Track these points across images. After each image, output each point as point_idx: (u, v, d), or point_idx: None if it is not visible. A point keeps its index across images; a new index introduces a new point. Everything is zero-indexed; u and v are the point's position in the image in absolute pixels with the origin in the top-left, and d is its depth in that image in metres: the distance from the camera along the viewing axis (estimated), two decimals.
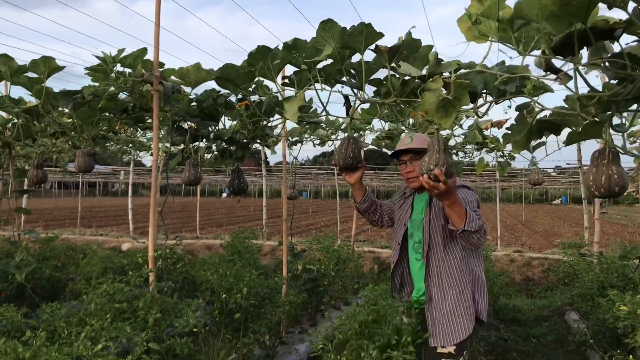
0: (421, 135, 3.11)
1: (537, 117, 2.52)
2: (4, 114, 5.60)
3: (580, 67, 1.92)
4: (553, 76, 2.09)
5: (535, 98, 2.45)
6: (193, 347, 3.90)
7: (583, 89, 2.03)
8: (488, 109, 2.75)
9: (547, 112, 2.52)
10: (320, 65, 2.86)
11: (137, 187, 52.24)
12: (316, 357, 3.36)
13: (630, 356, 3.63)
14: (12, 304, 4.06)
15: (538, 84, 2.60)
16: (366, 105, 4.13)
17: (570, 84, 2.04)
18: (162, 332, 3.22)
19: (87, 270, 6.48)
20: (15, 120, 4.72)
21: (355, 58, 2.80)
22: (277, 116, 4.02)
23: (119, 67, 3.43)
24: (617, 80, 1.96)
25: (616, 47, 1.95)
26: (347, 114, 2.90)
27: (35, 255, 7.75)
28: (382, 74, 2.83)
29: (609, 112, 2.05)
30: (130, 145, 7.72)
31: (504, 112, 2.74)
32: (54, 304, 3.74)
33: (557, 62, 2.01)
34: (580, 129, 1.99)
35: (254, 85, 3.52)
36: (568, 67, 1.98)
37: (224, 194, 51.08)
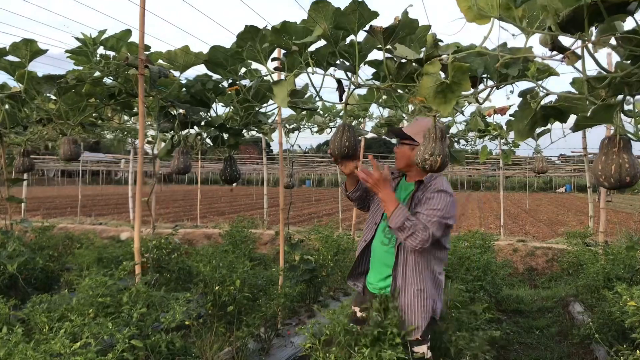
0: (420, 122, 2.94)
1: (542, 102, 2.36)
2: None
3: (589, 46, 1.75)
4: (559, 56, 1.92)
5: (540, 82, 2.29)
6: (184, 342, 3.77)
7: (592, 72, 1.86)
8: (489, 95, 2.59)
9: (552, 98, 2.36)
10: (312, 48, 2.70)
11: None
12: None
13: (637, 351, 3.49)
14: (3, 295, 3.93)
15: (542, 67, 2.43)
16: (363, 91, 3.96)
17: (578, 65, 1.87)
18: (148, 328, 3.08)
19: (81, 261, 6.35)
20: (1, 108, 4.57)
21: (350, 40, 2.64)
22: (271, 102, 3.86)
23: (101, 50, 3.27)
24: (630, 60, 1.79)
25: (628, 25, 1.79)
26: (341, 99, 2.73)
27: (31, 245, 7.63)
28: (378, 56, 2.67)
29: (620, 96, 1.89)
30: (126, 132, 7.56)
31: (506, 97, 2.56)
32: (43, 296, 3.60)
33: (565, 40, 1.84)
34: (589, 114, 1.82)
35: (244, 70, 3.36)
36: (576, 46, 1.81)
37: (234, 184, 50.91)
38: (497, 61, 2.30)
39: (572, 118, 2.45)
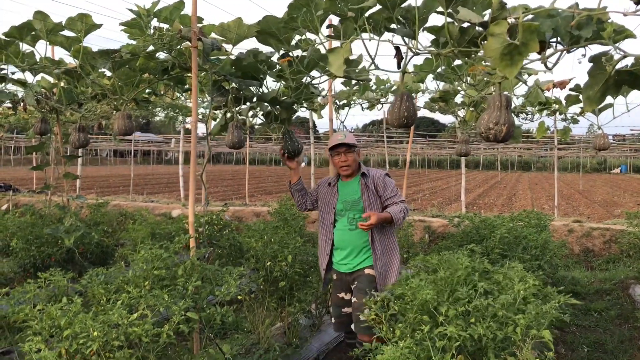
0: (351, 135, 3.89)
1: (617, 66, 2.21)
2: (50, 79, 5.55)
3: None
4: None
5: (617, 44, 2.13)
6: (236, 316, 3.78)
7: None
8: (558, 59, 2.43)
9: (628, 62, 2.20)
10: (367, 14, 2.60)
11: (188, 155, 53.04)
12: (366, 327, 3.20)
13: None
14: (61, 268, 4.03)
15: (619, 28, 2.27)
16: (419, 61, 3.83)
17: None
18: (203, 301, 3.08)
19: (134, 236, 6.47)
20: (59, 85, 4.64)
21: (408, 4, 2.52)
22: (322, 75, 3.78)
23: (155, 23, 3.24)
24: None
25: None
26: (399, 66, 2.62)
27: (86, 220, 7.84)
28: (436, 21, 2.55)
29: None
30: (177, 110, 7.61)
31: (578, 62, 2.41)
32: (100, 269, 3.66)
33: None
34: None
35: (296, 39, 3.28)
36: None
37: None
38: (568, 23, 2.15)
39: None
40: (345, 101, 5.86)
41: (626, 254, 8.28)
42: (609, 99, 3.90)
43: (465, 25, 2.42)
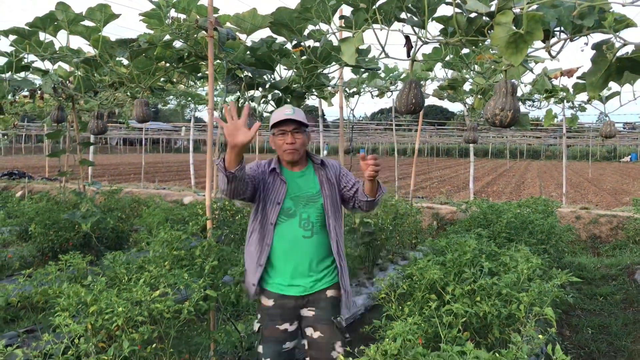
0: (301, 111, 2.92)
1: (618, 54, 2.31)
2: (66, 67, 5.69)
3: None
4: None
5: (617, 33, 2.23)
6: (248, 299, 3.92)
7: None
8: (562, 48, 2.53)
9: (628, 50, 2.30)
10: (377, 4, 2.70)
11: (198, 143, 53.29)
12: (374, 307, 3.33)
13: None
14: (78, 252, 4.19)
15: (620, 17, 2.36)
16: (428, 50, 3.94)
17: None
18: (219, 280, 3.22)
19: (149, 221, 6.64)
20: (77, 73, 4.77)
21: None
22: (333, 65, 3.89)
23: (173, 13, 3.36)
24: None
25: None
26: (408, 55, 2.73)
27: (100, 206, 8.02)
28: (445, 11, 2.65)
29: None
30: (189, 98, 7.74)
31: (581, 50, 2.51)
32: (117, 252, 3.83)
33: None
34: None
35: (308, 30, 3.39)
36: None
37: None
38: (571, 13, 2.25)
39: None
40: (354, 89, 5.96)
41: (632, 240, 8.37)
42: (616, 87, 3.99)
43: (473, 15, 2.53)
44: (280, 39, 3.70)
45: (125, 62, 4.31)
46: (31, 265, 6.38)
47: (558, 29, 2.50)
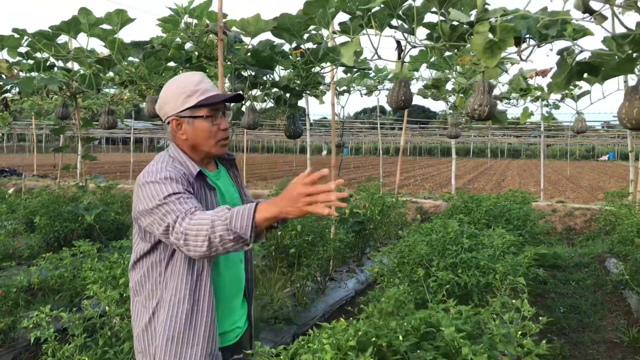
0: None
1: (577, 59, 2.73)
2: (69, 67, 6.01)
3: (615, 9, 2.12)
4: (592, 19, 2.29)
5: (576, 41, 2.65)
6: None
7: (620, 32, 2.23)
8: (531, 53, 2.95)
9: (586, 55, 2.72)
10: (372, 11, 3.10)
11: None
12: (363, 290, 3.72)
13: None
14: (87, 240, 4.56)
15: (579, 27, 2.79)
16: (415, 54, 4.34)
17: (608, 25, 2.25)
18: None
19: None
20: (82, 72, 5.11)
21: (408, 5, 3.02)
22: (328, 65, 4.28)
23: (187, 18, 3.73)
24: None
25: None
26: (399, 57, 3.14)
27: (98, 201, 8.32)
28: (431, 18, 3.06)
29: None
30: None
31: (546, 55, 2.95)
32: (122, 241, 4.21)
33: (595, 4, 2.22)
34: (614, 65, 2.19)
35: (308, 34, 3.77)
36: (605, 9, 2.18)
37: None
38: (539, 22, 2.67)
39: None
40: (345, 87, 6.36)
41: (604, 231, 8.87)
42: (586, 87, 4.42)
43: (455, 23, 2.94)
44: (278, 41, 4.08)
45: (137, 60, 4.66)
46: (38, 255, 6.68)
47: (528, 36, 2.93)
